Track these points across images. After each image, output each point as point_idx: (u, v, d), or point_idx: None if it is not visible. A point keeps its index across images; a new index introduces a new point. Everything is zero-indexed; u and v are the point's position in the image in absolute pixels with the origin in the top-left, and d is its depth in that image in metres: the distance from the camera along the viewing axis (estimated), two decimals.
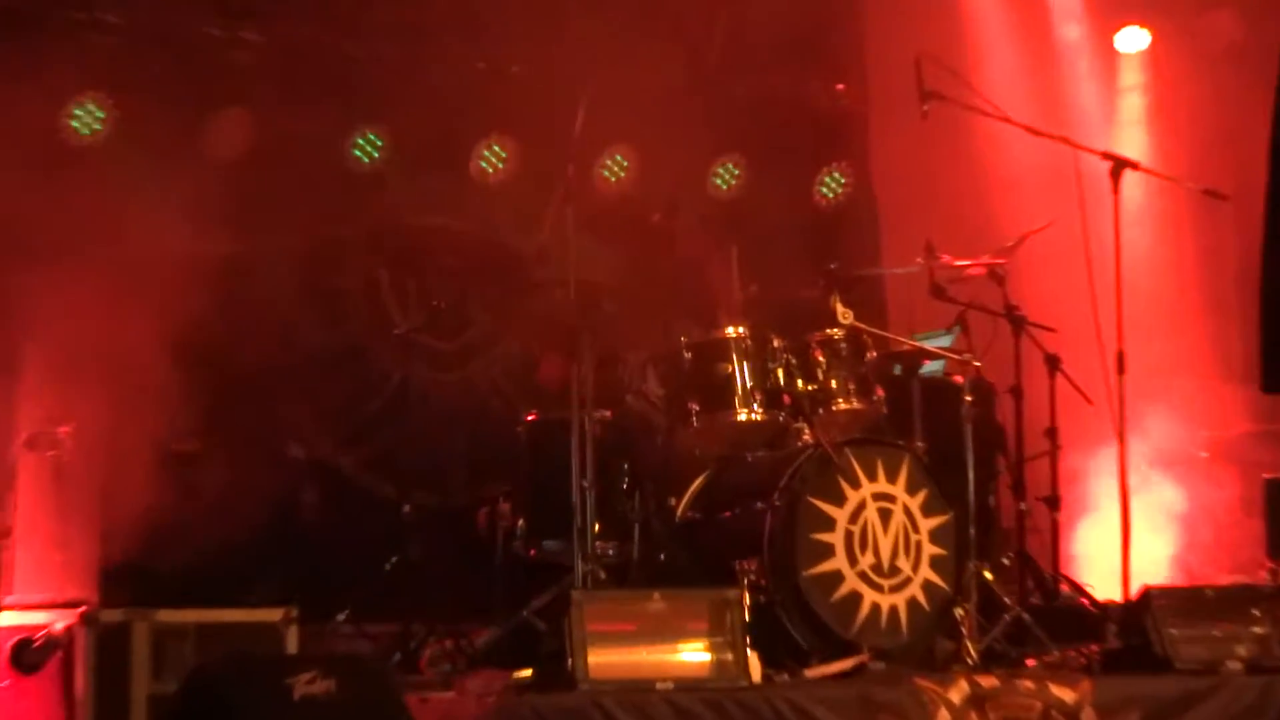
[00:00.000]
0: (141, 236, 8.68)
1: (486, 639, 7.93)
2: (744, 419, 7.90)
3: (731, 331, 8.00)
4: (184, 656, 7.01)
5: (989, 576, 7.83)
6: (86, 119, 9.27)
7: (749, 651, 6.69)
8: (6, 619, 7.51)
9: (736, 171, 10.92)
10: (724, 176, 10.92)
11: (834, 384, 7.97)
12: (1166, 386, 9.82)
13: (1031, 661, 7.44)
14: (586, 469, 7.59)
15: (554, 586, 7.79)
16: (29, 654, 7.22)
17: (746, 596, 6.88)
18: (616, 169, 10.56)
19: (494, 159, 10.35)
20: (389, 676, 6.83)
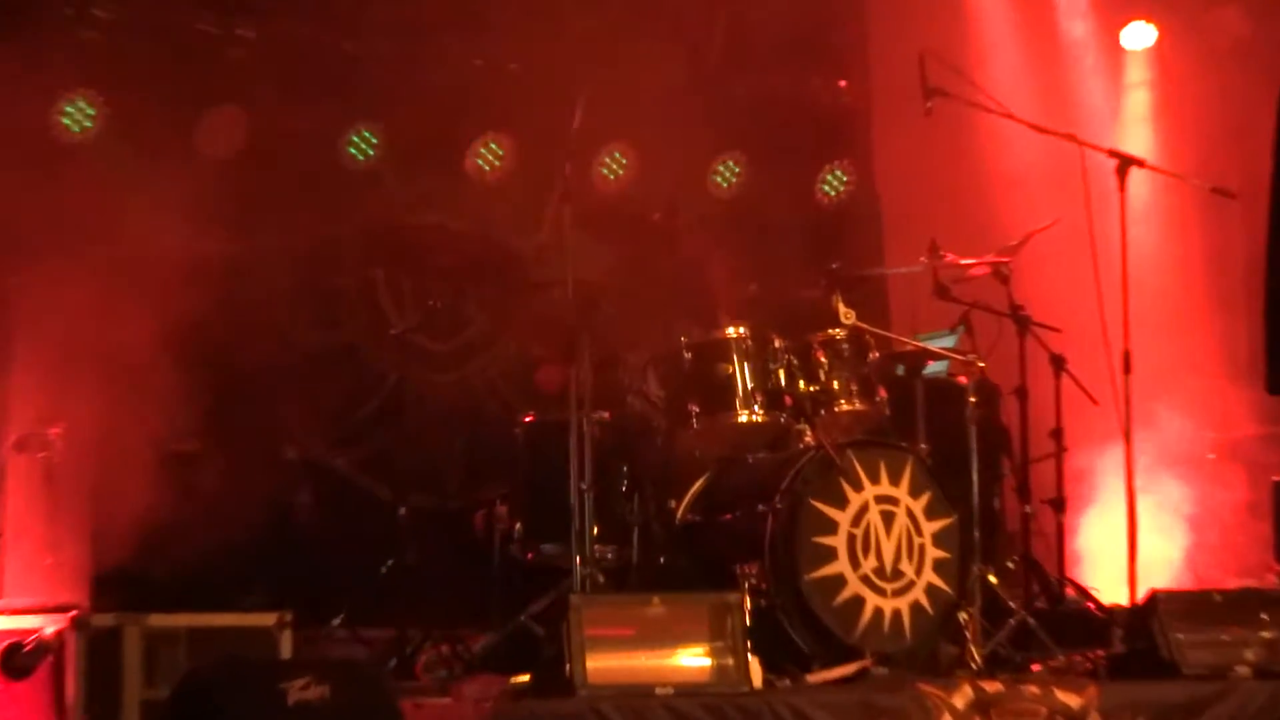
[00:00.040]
0: (134, 235, 8.66)
1: (483, 644, 7.91)
2: (745, 420, 7.89)
3: (732, 332, 7.99)
4: (176, 662, 7.00)
5: (993, 580, 7.83)
6: (77, 116, 9.26)
7: (750, 656, 6.68)
8: None
9: (737, 170, 10.91)
10: (724, 175, 10.91)
11: (836, 385, 7.96)
12: (1173, 387, 9.80)
13: (1036, 666, 7.44)
14: (585, 471, 7.58)
15: (552, 590, 7.77)
16: (19, 659, 7.19)
17: (747, 600, 6.87)
18: (615, 167, 10.55)
19: (491, 157, 10.33)
20: (384, 682, 6.83)
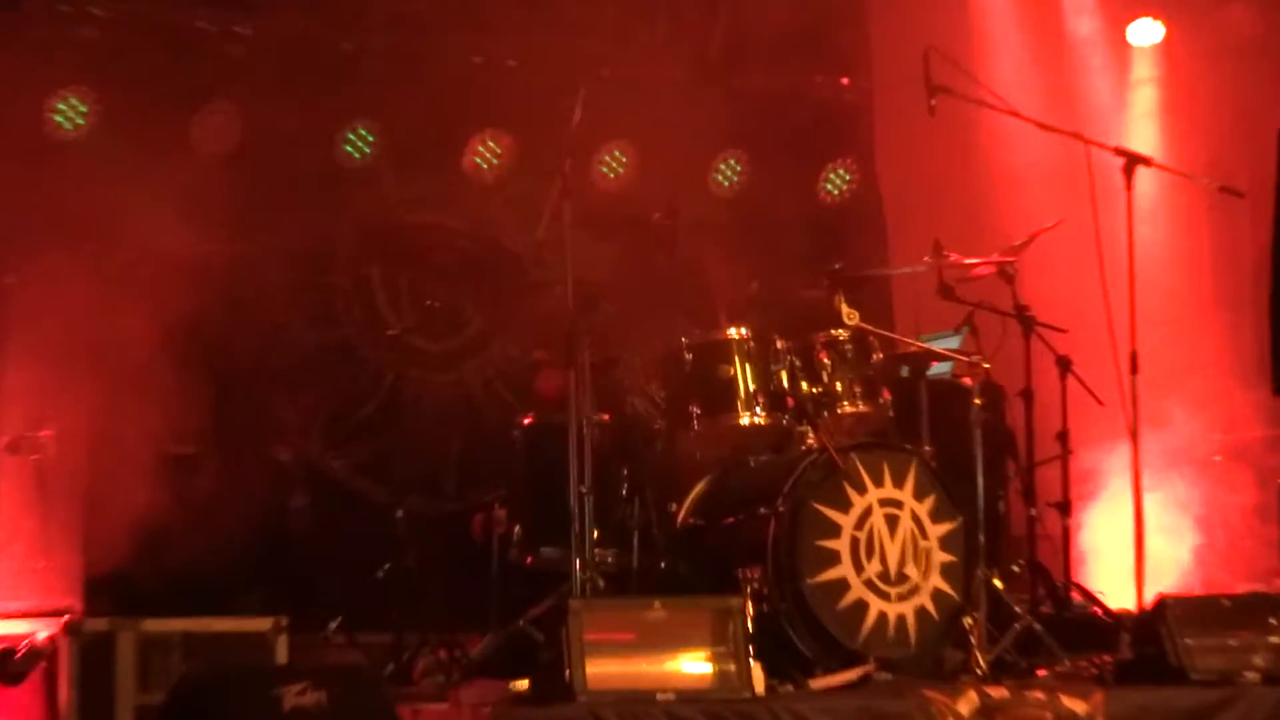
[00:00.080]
0: (128, 234, 8.68)
1: (482, 649, 7.91)
2: (746, 422, 7.89)
3: (734, 332, 7.98)
4: (171, 667, 7.00)
5: (999, 584, 7.80)
6: (70, 114, 9.27)
7: (752, 662, 6.67)
8: None
9: (738, 168, 10.91)
10: (726, 174, 10.91)
11: (839, 386, 7.95)
12: (1181, 388, 9.78)
13: (1042, 672, 7.41)
14: (584, 473, 7.56)
15: (551, 595, 7.76)
16: (11, 665, 7.20)
17: (749, 605, 6.87)
18: (615, 165, 10.55)
19: (489, 155, 10.34)
20: (381, 688, 6.82)
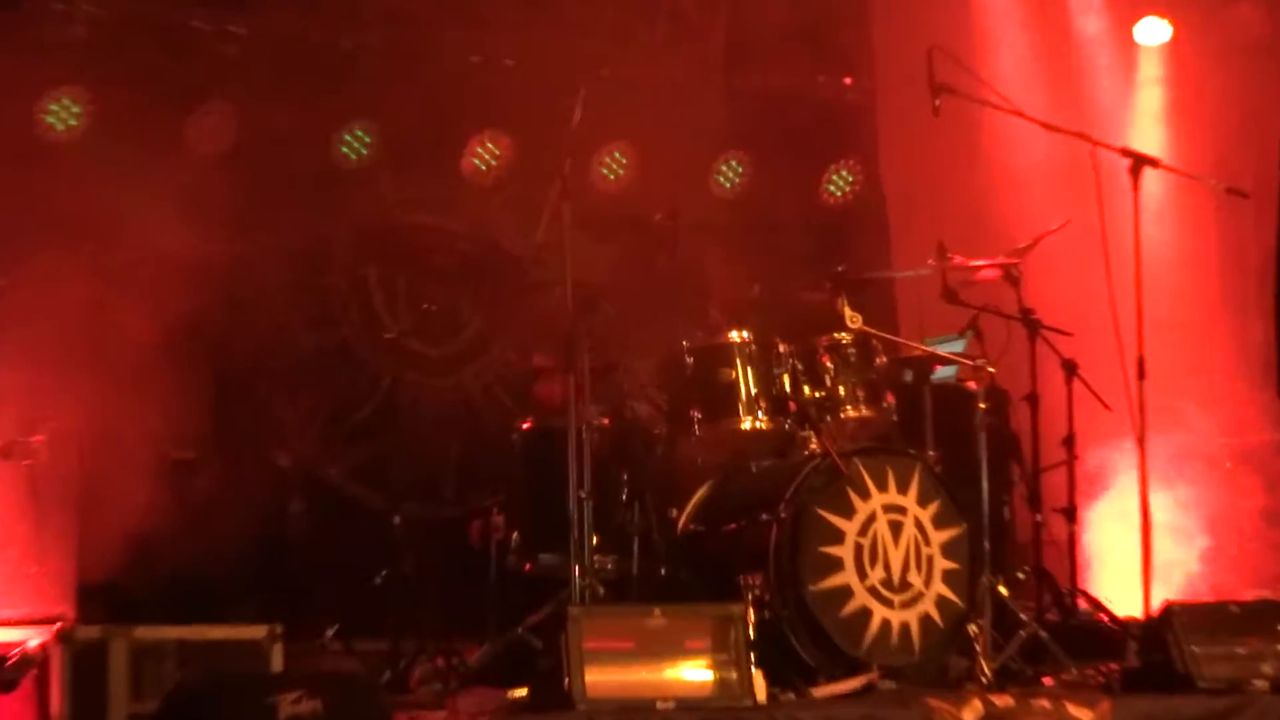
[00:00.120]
0: (121, 236, 8.68)
1: (480, 656, 7.90)
2: (748, 427, 7.89)
3: (735, 336, 7.98)
4: (164, 675, 6.99)
5: (1004, 591, 7.80)
6: (62, 114, 9.28)
7: (753, 670, 6.67)
8: None
9: (740, 169, 10.91)
10: (727, 174, 10.91)
11: (842, 391, 7.95)
12: (1187, 392, 9.79)
13: (1048, 680, 7.43)
14: (584, 479, 7.57)
15: (550, 602, 7.75)
16: (2, 672, 7.18)
17: (751, 612, 6.87)
18: (615, 166, 10.55)
19: (487, 156, 10.34)
20: (378, 696, 6.82)
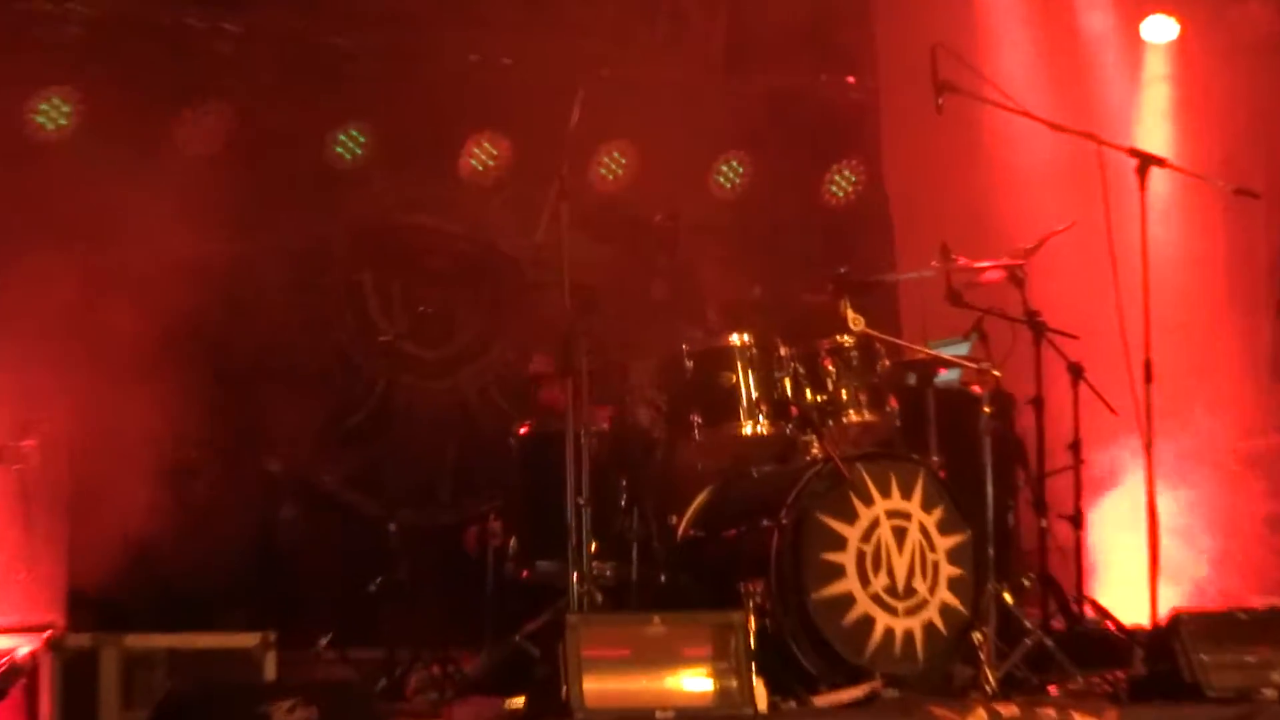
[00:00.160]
0: (113, 237, 8.67)
1: (476, 665, 7.90)
2: (749, 432, 7.88)
3: (736, 339, 7.97)
4: (155, 684, 6.99)
5: (1009, 598, 7.80)
6: (52, 114, 9.28)
7: (754, 679, 6.67)
8: None
9: (741, 170, 10.91)
10: (728, 175, 10.90)
11: (844, 395, 7.94)
12: (1195, 395, 9.80)
13: (1054, 689, 7.43)
14: (582, 484, 7.57)
15: (548, 609, 7.75)
16: None
17: (752, 620, 6.86)
18: (614, 167, 10.55)
19: (485, 156, 10.34)
20: (373, 705, 6.82)
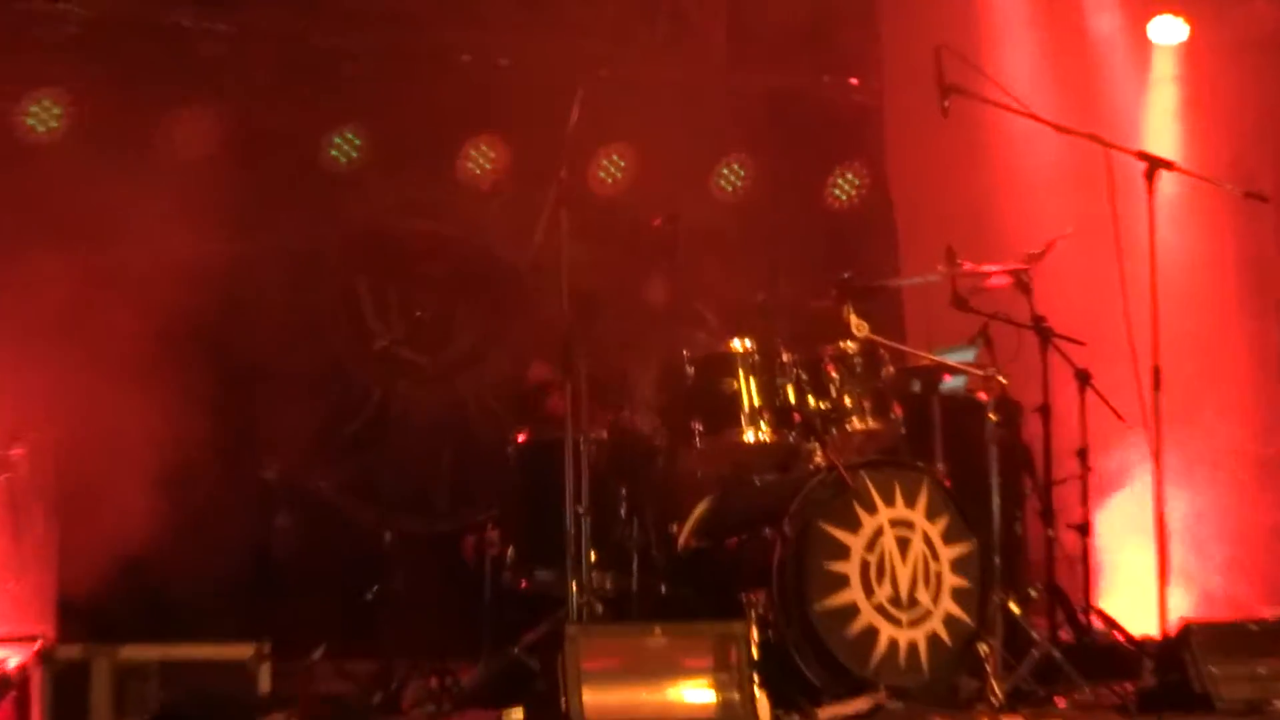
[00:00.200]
0: (101, 242, 8.66)
1: (474, 677, 7.90)
2: (751, 439, 7.88)
3: (738, 345, 7.97)
4: (147, 696, 6.98)
5: (1015, 609, 7.81)
6: (43, 115, 9.27)
7: (757, 690, 6.67)
8: None
9: (743, 172, 10.90)
10: (729, 178, 10.90)
11: (848, 401, 7.95)
12: (1204, 401, 9.81)
13: (1061, 701, 7.44)
14: (582, 493, 7.57)
15: (547, 620, 7.75)
16: None
17: (754, 631, 6.86)
18: (614, 170, 10.54)
19: (482, 159, 10.33)
20: (369, 718, 6.81)
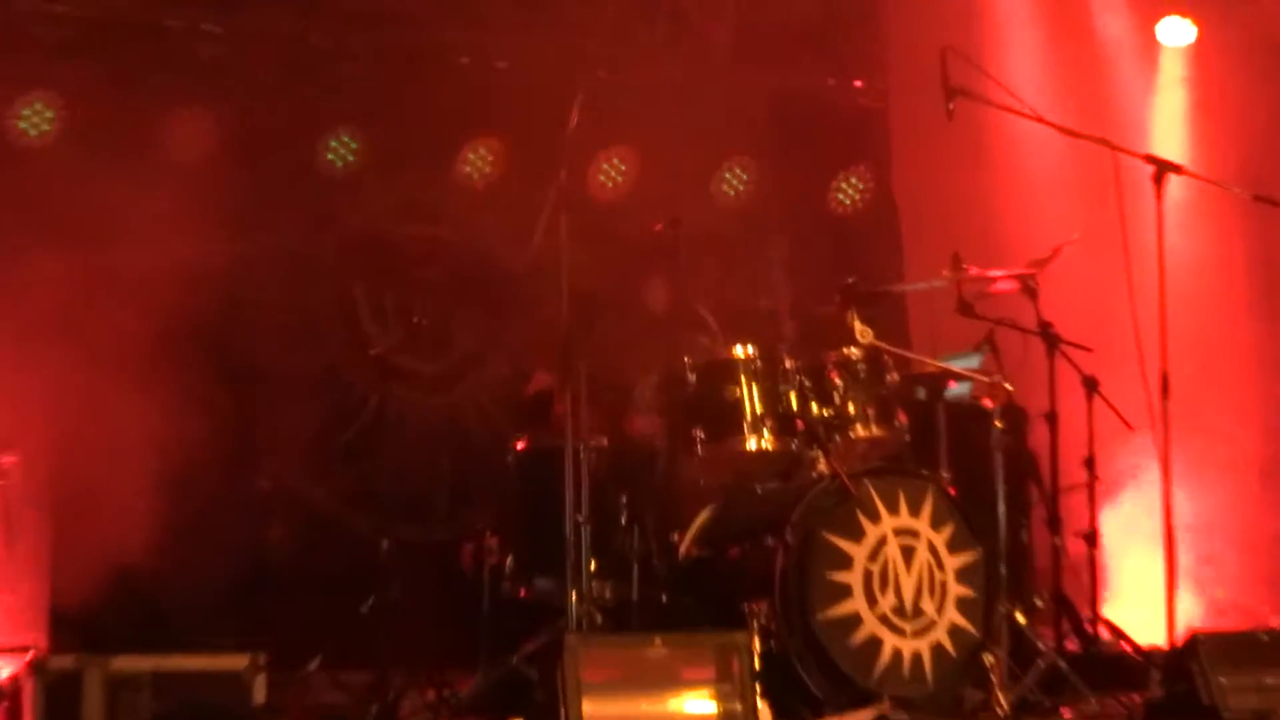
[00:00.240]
0: (93, 247, 8.67)
1: (472, 688, 7.90)
2: (753, 447, 7.88)
3: (740, 351, 7.98)
4: (141, 707, 7.00)
5: (1021, 619, 7.82)
6: (35, 119, 9.29)
7: (759, 702, 6.67)
8: None
9: (745, 176, 10.91)
10: (732, 182, 10.91)
11: (852, 409, 7.95)
12: (1213, 407, 9.80)
13: (1068, 712, 7.44)
14: (581, 501, 7.57)
15: (546, 630, 7.76)
16: None
17: (756, 641, 6.87)
18: (614, 174, 10.55)
19: (481, 162, 10.34)
20: None
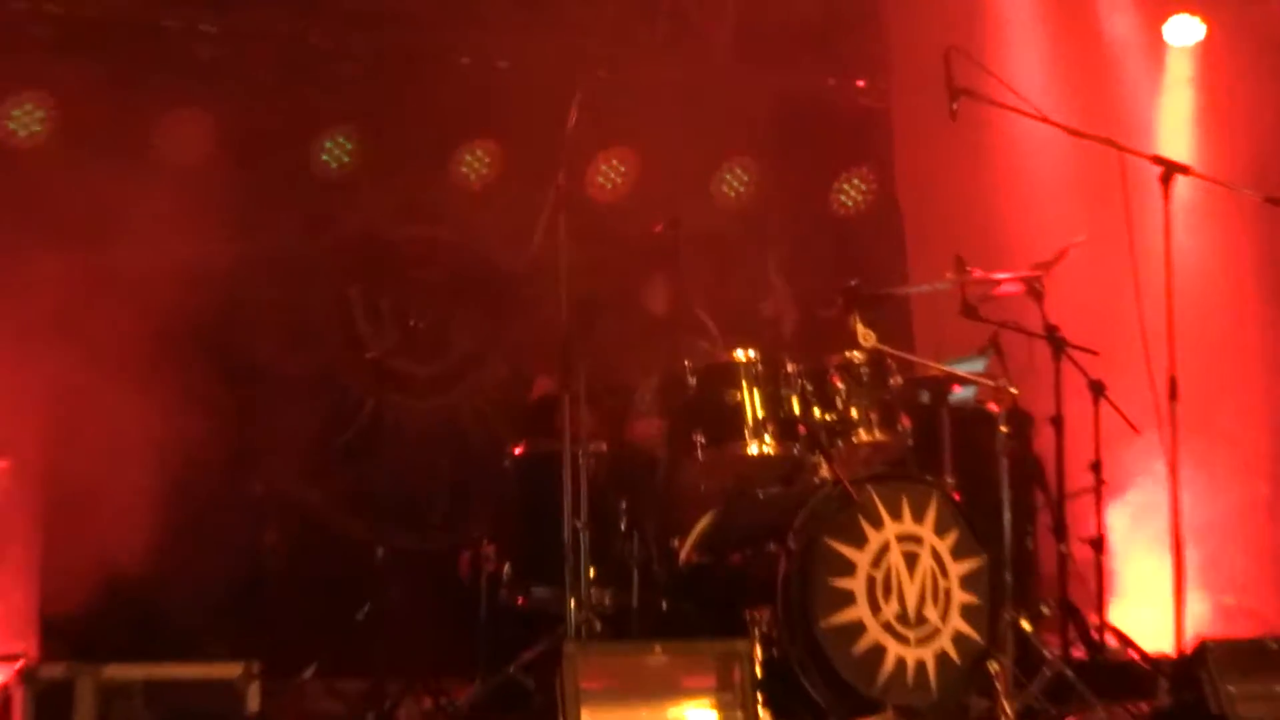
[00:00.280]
0: (89, 248, 8.67)
1: (469, 697, 7.91)
2: (755, 452, 7.87)
3: (741, 355, 7.98)
4: (132, 717, 6.98)
5: (1027, 627, 7.81)
6: (25, 120, 9.29)
7: (760, 710, 6.67)
8: None
9: (746, 177, 10.91)
10: (732, 183, 10.91)
11: (854, 413, 7.94)
12: (1222, 411, 9.81)
13: None
14: (580, 507, 7.57)
15: (544, 638, 7.76)
16: None
17: (758, 649, 6.87)
18: (614, 175, 10.56)
19: (479, 163, 10.35)
20: None
